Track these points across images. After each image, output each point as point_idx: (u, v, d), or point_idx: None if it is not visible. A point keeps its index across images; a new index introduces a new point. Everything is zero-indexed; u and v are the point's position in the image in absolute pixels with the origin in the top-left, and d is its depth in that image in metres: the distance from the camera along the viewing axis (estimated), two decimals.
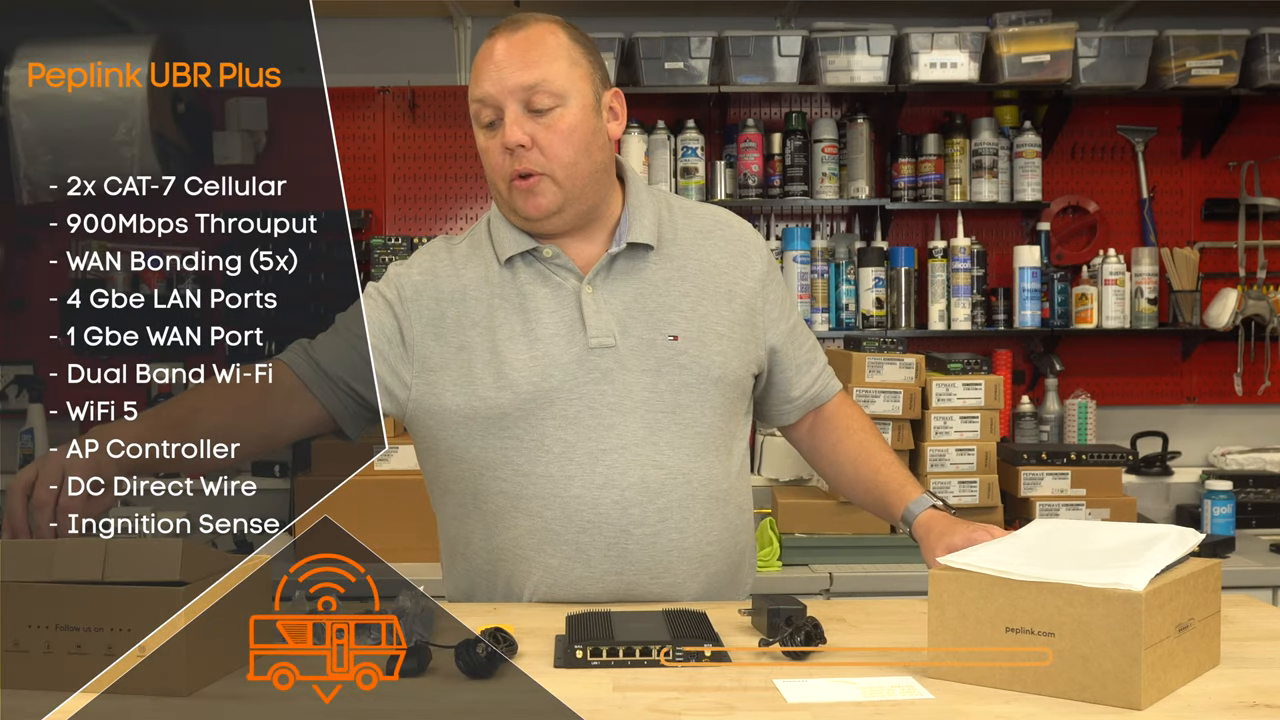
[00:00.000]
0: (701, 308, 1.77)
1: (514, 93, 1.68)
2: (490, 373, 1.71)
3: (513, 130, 1.68)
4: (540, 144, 1.69)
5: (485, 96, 1.70)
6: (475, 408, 1.70)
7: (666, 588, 1.72)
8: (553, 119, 1.69)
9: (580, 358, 1.70)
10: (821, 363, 1.94)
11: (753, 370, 1.82)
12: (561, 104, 1.69)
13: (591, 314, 1.72)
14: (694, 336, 1.74)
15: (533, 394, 1.69)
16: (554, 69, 1.69)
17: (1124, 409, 3.95)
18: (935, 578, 1.36)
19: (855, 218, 3.96)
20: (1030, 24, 3.66)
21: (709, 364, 1.74)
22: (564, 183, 1.71)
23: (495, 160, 1.72)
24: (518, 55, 1.69)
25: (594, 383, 1.70)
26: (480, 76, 1.71)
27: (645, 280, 1.76)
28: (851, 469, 1.88)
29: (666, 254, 1.78)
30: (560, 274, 1.75)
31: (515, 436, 1.70)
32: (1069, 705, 1.24)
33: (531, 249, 1.75)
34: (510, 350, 1.71)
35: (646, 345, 1.72)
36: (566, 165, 1.70)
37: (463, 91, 3.94)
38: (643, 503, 1.70)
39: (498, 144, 1.71)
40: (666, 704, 1.25)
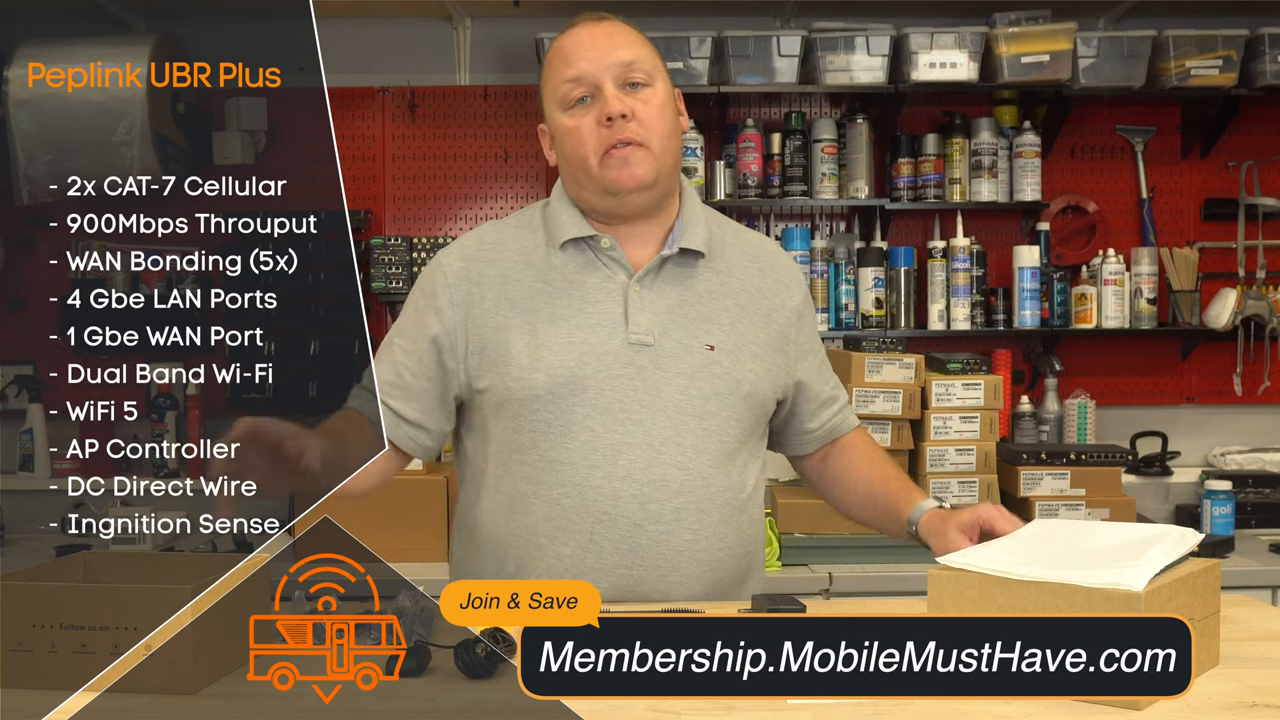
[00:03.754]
0: (740, 325, 1.80)
1: (611, 68, 1.74)
2: (527, 354, 1.73)
3: (614, 100, 1.73)
4: (639, 115, 1.74)
5: (581, 75, 1.75)
6: (510, 388, 1.73)
7: (672, 586, 1.73)
8: (647, 95, 1.76)
9: (618, 351, 1.73)
10: (842, 400, 1.97)
11: (778, 395, 1.85)
12: (652, 83, 1.77)
13: (635, 310, 1.75)
14: (730, 350, 1.77)
15: (566, 379, 1.72)
16: (642, 52, 1.78)
17: (1123, 409, 3.95)
18: (935, 578, 1.36)
19: (855, 218, 3.97)
20: (1030, 24, 3.66)
21: (741, 378, 1.77)
22: (659, 155, 1.76)
23: (588, 134, 1.75)
24: (607, 39, 1.76)
25: (628, 377, 1.73)
26: (572, 58, 1.76)
27: (691, 289, 1.80)
28: (863, 485, 1.92)
29: (714, 267, 1.82)
30: (612, 266, 1.78)
31: (544, 421, 1.72)
32: (1069, 704, 1.25)
33: (590, 236, 1.79)
34: (549, 334, 1.74)
35: (684, 350, 1.75)
36: (662, 137, 1.76)
37: (462, 91, 3.95)
38: (660, 500, 1.71)
39: (591, 119, 1.74)
40: (666, 703, 1.25)
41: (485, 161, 3.95)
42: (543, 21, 3.72)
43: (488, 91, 3.95)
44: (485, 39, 3.98)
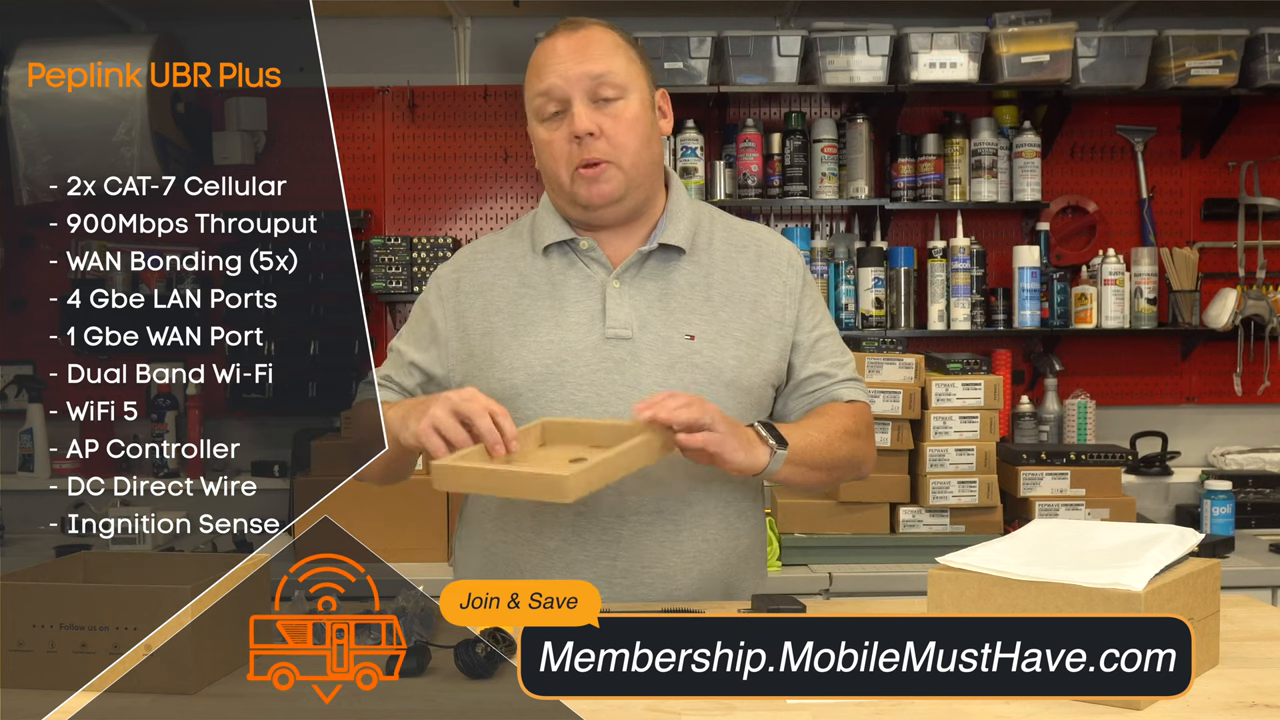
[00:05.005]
0: (723, 313, 1.79)
1: (580, 83, 1.74)
2: (508, 355, 1.77)
3: (581, 119, 1.73)
4: (607, 133, 1.74)
5: (551, 89, 1.75)
6: (493, 389, 1.74)
7: (658, 578, 1.74)
8: (617, 109, 1.75)
9: (595, 346, 1.75)
10: (841, 376, 1.88)
11: (771, 381, 1.83)
12: (624, 96, 1.75)
13: (614, 306, 1.76)
14: (710, 338, 1.77)
15: (544, 375, 1.74)
16: (616, 63, 1.75)
17: (1123, 409, 3.95)
18: (935, 578, 1.36)
19: (855, 218, 3.96)
20: (1030, 24, 3.66)
21: (722, 366, 1.76)
22: (629, 170, 1.76)
23: (559, 151, 1.76)
24: (580, 50, 1.75)
25: (605, 371, 1.74)
26: (544, 71, 1.77)
27: (671, 282, 1.80)
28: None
29: (697, 260, 1.82)
30: (591, 266, 1.80)
31: (526, 418, 1.73)
32: (1069, 704, 1.25)
33: (569, 239, 1.81)
34: (530, 333, 1.77)
35: (663, 342, 1.75)
36: (632, 153, 1.76)
37: (462, 91, 3.96)
38: (640, 491, 1.72)
39: (562, 135, 1.75)
40: (666, 703, 1.25)
41: (485, 161, 3.95)
42: (543, 21, 3.71)
43: (488, 91, 3.95)
44: (485, 39, 3.98)
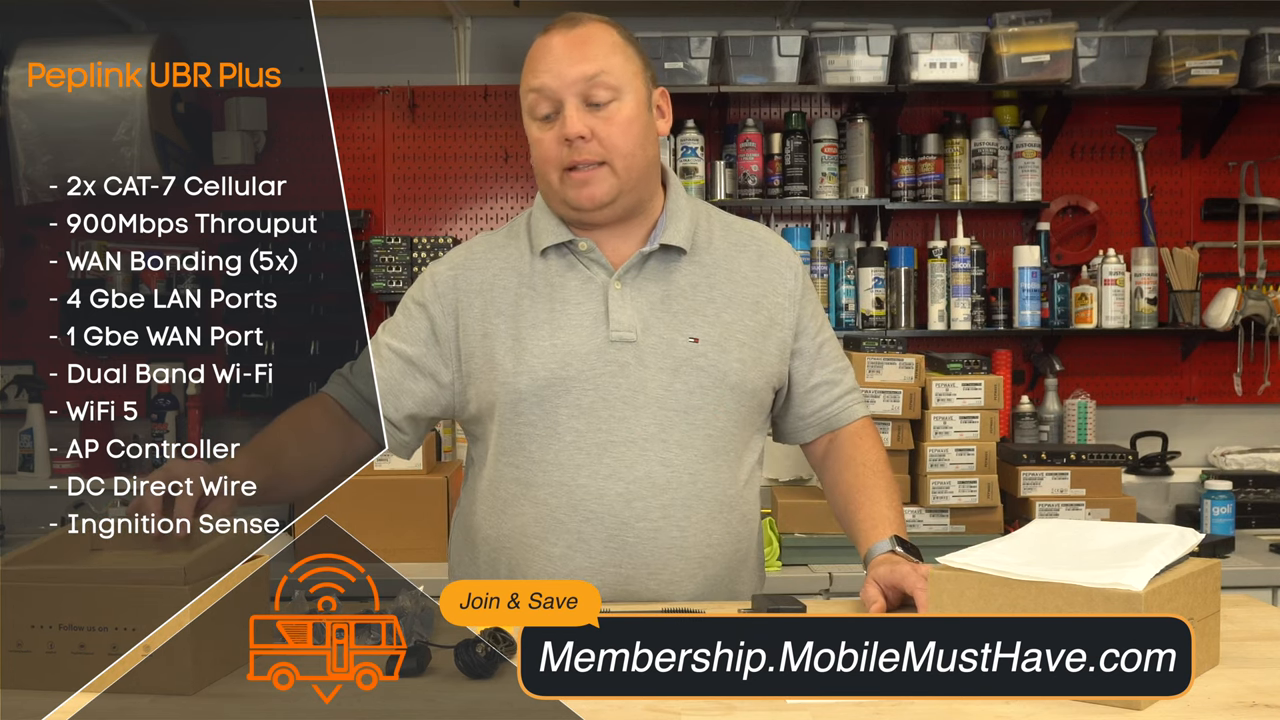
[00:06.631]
0: (726, 315, 1.79)
1: (573, 84, 1.72)
2: (511, 358, 1.74)
3: (573, 122, 1.71)
4: (599, 136, 1.72)
5: (543, 88, 1.74)
6: (496, 393, 1.74)
7: (663, 584, 1.73)
8: (610, 111, 1.73)
9: (600, 349, 1.73)
10: (845, 386, 1.90)
11: (772, 384, 1.83)
12: (618, 97, 1.73)
13: (616, 308, 1.75)
14: (715, 341, 1.76)
15: (549, 380, 1.72)
16: (611, 63, 1.74)
17: (1124, 409, 3.96)
18: (935, 578, 1.36)
19: (855, 218, 3.97)
20: (1030, 24, 3.66)
21: (727, 369, 1.76)
22: (621, 173, 1.74)
23: (549, 152, 1.75)
24: (575, 49, 1.73)
25: (610, 375, 1.73)
26: (537, 69, 1.75)
27: (673, 283, 1.79)
28: (842, 500, 1.86)
29: (698, 260, 1.81)
30: (592, 267, 1.78)
31: (530, 423, 1.73)
32: (1069, 704, 1.25)
33: (567, 241, 1.79)
34: (532, 337, 1.74)
35: (667, 344, 1.75)
36: (625, 156, 1.74)
37: (462, 91, 3.96)
38: (646, 497, 1.71)
39: (554, 136, 1.74)
40: (666, 703, 1.25)
41: (485, 161, 3.95)
42: (543, 21, 3.66)
43: (488, 91, 3.95)
44: (485, 39, 3.98)
